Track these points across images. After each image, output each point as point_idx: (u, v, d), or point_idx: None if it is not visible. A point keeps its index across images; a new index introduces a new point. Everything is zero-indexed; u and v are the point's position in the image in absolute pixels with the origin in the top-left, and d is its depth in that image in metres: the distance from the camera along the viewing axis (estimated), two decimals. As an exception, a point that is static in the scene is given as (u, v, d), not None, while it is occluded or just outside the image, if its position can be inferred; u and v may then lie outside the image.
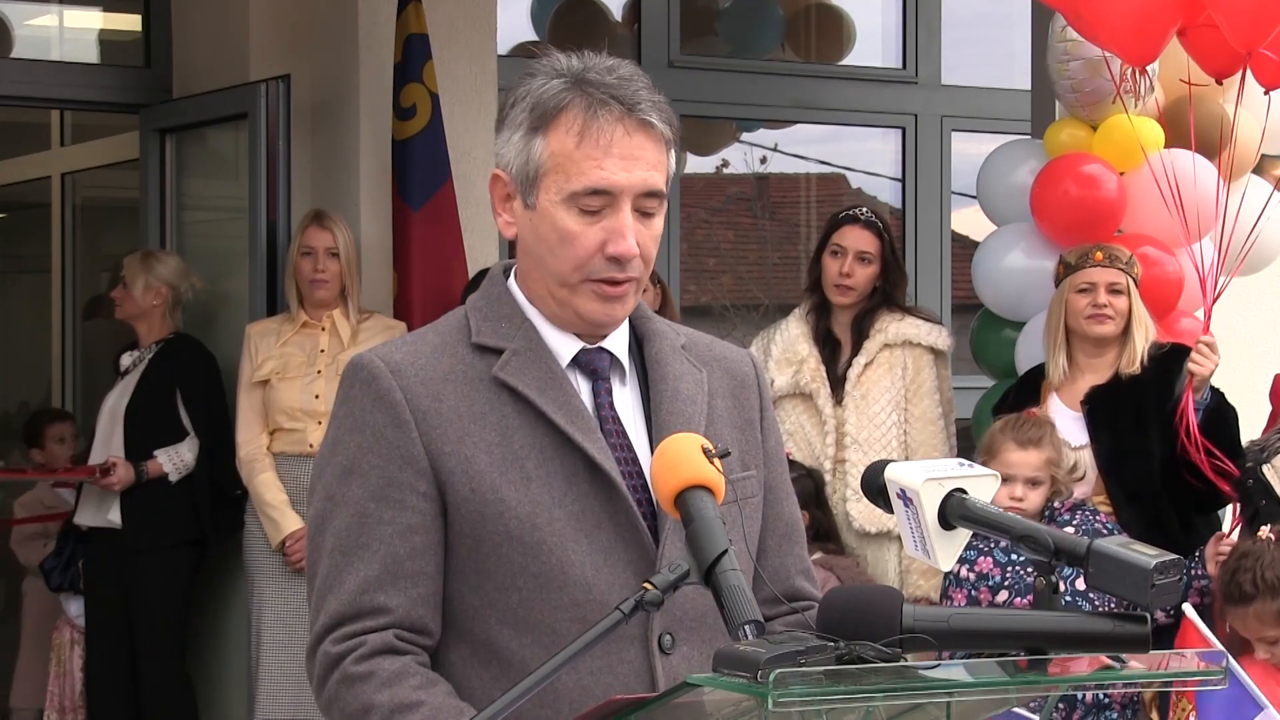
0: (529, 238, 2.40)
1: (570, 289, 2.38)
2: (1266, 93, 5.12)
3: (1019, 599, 4.93)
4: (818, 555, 5.46)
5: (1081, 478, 5.21)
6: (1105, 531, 4.97)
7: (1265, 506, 5.10)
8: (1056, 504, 5.07)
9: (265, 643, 6.20)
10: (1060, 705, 4.84)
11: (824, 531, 5.64)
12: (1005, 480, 4.91)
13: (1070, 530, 4.91)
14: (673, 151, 2.43)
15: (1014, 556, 5.01)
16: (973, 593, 5.02)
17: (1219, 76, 5.19)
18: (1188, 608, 4.52)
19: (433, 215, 6.50)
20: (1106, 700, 4.91)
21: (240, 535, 6.37)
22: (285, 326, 6.33)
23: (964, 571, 5.09)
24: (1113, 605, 3.39)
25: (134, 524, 6.49)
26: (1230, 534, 5.20)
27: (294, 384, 6.22)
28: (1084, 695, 4.76)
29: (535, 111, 2.37)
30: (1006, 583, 5.00)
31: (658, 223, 2.39)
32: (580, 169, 2.33)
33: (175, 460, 6.51)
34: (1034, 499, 5.03)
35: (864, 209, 5.93)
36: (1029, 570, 4.91)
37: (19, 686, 7.61)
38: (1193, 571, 5.09)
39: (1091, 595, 4.61)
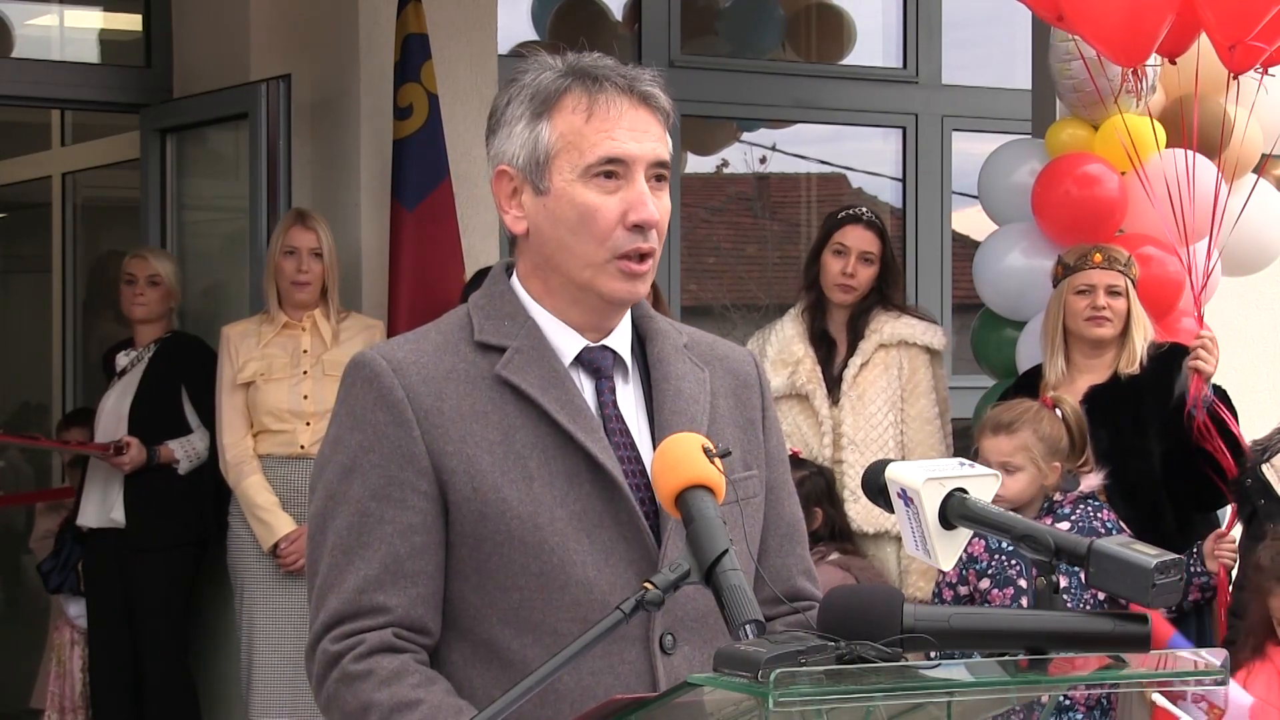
0: (545, 225, 2.40)
1: (596, 269, 2.38)
2: (1234, 77, 5.09)
3: (996, 590, 4.86)
4: (834, 556, 5.43)
5: (1090, 469, 5.11)
6: (1103, 529, 4.92)
7: (1264, 505, 5.09)
8: (1058, 497, 4.93)
9: (258, 646, 6.16)
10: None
11: (838, 530, 5.60)
12: None
13: (1065, 526, 4.84)
14: (668, 135, 2.44)
15: (1005, 544, 4.87)
16: (964, 572, 4.91)
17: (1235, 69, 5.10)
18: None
19: (428, 215, 6.47)
20: (1069, 702, 4.81)
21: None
22: (265, 328, 6.25)
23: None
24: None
25: (138, 522, 6.48)
26: (1229, 531, 5.20)
27: (281, 385, 6.18)
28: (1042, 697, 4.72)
29: (535, 100, 2.39)
30: (990, 571, 4.92)
31: (667, 198, 2.41)
32: (592, 142, 2.35)
33: (188, 449, 6.49)
34: (1011, 486, 4.81)
35: (865, 209, 5.92)
36: (1012, 563, 4.88)
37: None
38: (1191, 569, 5.08)
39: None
